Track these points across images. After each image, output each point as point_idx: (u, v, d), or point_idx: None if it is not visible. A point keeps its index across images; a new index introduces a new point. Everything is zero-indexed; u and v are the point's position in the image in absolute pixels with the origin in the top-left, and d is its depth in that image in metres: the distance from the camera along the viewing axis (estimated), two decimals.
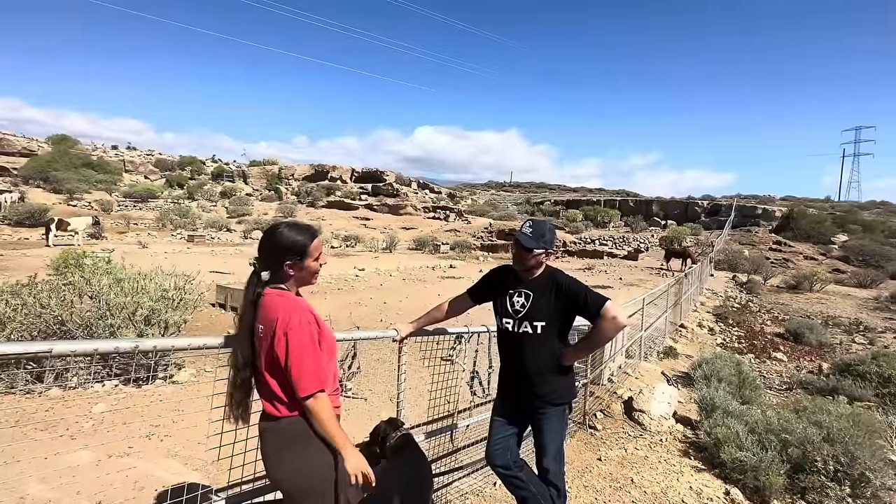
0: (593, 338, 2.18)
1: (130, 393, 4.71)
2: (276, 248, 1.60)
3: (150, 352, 1.49)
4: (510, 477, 2.29)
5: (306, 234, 1.65)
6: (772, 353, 9.53)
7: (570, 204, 53.18)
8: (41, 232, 19.46)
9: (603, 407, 4.95)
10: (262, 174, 49.39)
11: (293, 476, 1.59)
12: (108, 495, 2.75)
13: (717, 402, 4.54)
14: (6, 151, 38.19)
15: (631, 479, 3.50)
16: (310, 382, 1.51)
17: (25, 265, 12.22)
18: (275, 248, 1.60)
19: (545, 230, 2.21)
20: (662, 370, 6.87)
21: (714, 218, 44.46)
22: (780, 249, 31.98)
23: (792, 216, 38.40)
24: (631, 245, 31.44)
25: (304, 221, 2.05)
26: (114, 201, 33.33)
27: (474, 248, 29.27)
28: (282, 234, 1.61)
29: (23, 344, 1.34)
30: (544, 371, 2.20)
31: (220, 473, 2.16)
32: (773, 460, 3.43)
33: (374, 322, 9.05)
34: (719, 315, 12.83)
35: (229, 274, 13.29)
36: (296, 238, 1.62)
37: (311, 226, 1.74)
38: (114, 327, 5.03)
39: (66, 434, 3.66)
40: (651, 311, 8.35)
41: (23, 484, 2.80)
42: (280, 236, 1.60)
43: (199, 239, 24.40)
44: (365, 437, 2.37)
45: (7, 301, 4.92)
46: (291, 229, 1.64)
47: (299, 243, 1.62)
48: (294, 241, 1.61)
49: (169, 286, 5.92)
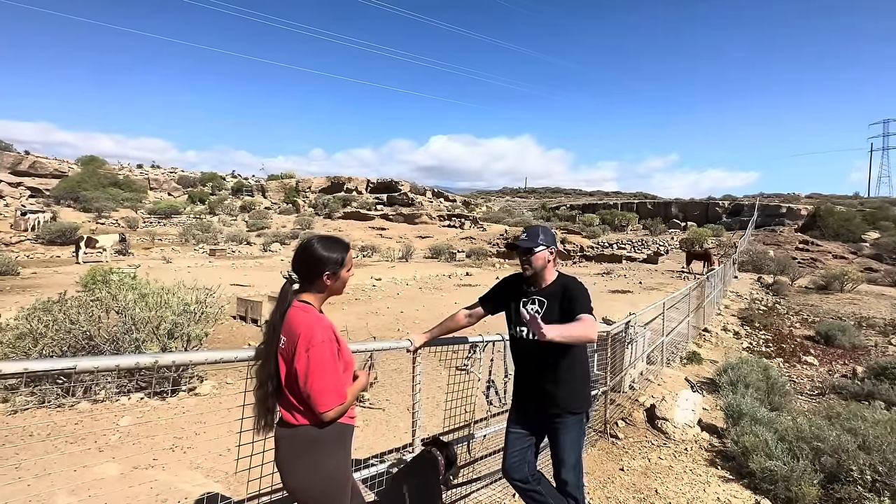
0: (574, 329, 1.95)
1: (155, 406, 4.82)
2: (315, 260, 1.68)
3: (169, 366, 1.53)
4: (528, 491, 2.25)
5: (341, 246, 1.75)
6: (802, 357, 9.19)
7: (586, 208, 52.65)
8: (72, 250, 20.25)
9: (624, 415, 4.84)
10: (280, 188, 50.39)
11: (306, 484, 1.61)
12: None
13: (744, 409, 4.40)
14: (39, 173, 39.98)
15: (655, 490, 3.40)
16: (328, 398, 1.56)
17: (57, 282, 12.70)
18: (315, 260, 1.68)
19: (538, 230, 2.27)
20: (686, 376, 6.69)
21: (736, 218, 43.32)
22: (807, 249, 30.94)
23: (819, 214, 37.13)
24: (650, 248, 30.88)
25: (335, 235, 2.11)
26: (139, 218, 34.49)
27: (490, 256, 29.18)
28: (320, 248, 1.69)
29: (49, 361, 1.39)
30: (560, 378, 2.18)
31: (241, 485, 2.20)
32: (806, 470, 3.29)
33: (391, 332, 9.08)
34: (745, 318, 12.46)
35: (249, 287, 13.55)
36: (333, 250, 1.70)
37: (342, 239, 1.83)
38: (139, 341, 5.17)
39: (94, 447, 3.76)
40: (672, 316, 8.17)
41: (53, 496, 2.88)
42: (318, 250, 1.69)
43: (220, 253, 24.98)
44: (384, 446, 2.38)
45: (39, 318, 5.11)
46: (328, 242, 1.72)
47: (337, 255, 1.70)
48: (331, 253, 1.70)
49: (191, 300, 6.06)
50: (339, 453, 1.65)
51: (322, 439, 1.61)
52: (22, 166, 39.10)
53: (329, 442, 1.62)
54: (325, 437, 1.61)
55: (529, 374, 2.26)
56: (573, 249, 30.30)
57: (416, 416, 2.57)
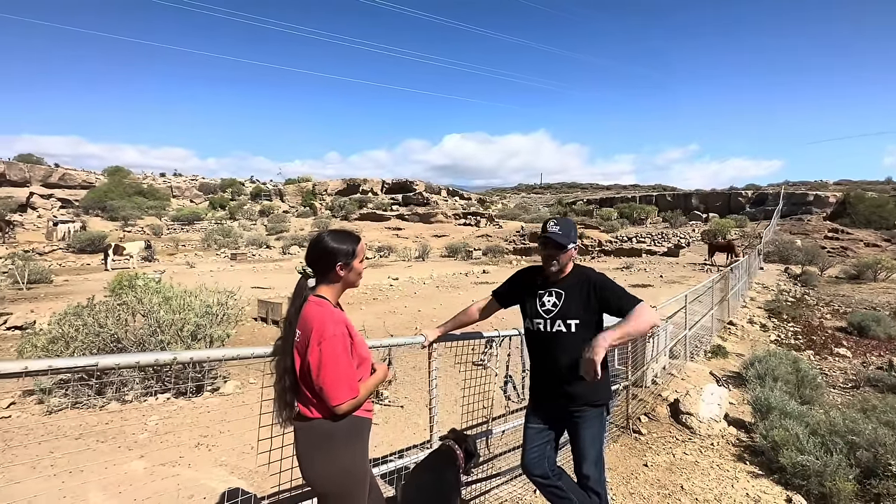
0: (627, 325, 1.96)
1: (180, 405, 4.94)
2: (327, 252, 1.70)
3: (187, 363, 1.56)
4: (549, 486, 2.21)
5: (352, 238, 1.77)
6: (833, 349, 8.85)
7: (603, 202, 51.88)
8: (101, 257, 20.98)
9: (647, 410, 4.74)
10: (298, 191, 51.19)
11: (323, 477, 1.63)
12: (161, 503, 2.88)
13: (772, 403, 4.25)
14: (69, 185, 41.58)
15: (681, 486, 3.31)
16: (341, 391, 1.56)
17: (87, 289, 13.17)
18: (326, 252, 1.70)
19: (571, 227, 2.22)
20: (711, 370, 6.52)
21: (760, 208, 42.03)
22: (836, 237, 29.80)
23: (848, 201, 35.74)
24: (670, 241, 30.23)
25: (346, 228, 2.14)
26: (163, 225, 35.51)
27: (507, 253, 29.03)
28: (331, 240, 1.72)
29: (72, 359, 1.43)
30: (579, 370, 2.13)
31: (264, 481, 2.23)
32: (840, 464, 3.16)
33: (409, 330, 9.11)
34: (772, 310, 12.07)
35: (269, 289, 13.79)
36: (344, 242, 1.73)
37: (353, 231, 1.86)
38: (164, 343, 5.32)
39: (124, 445, 3.88)
40: (695, 309, 7.97)
41: (86, 492, 2.98)
42: (330, 242, 1.71)
43: (241, 257, 25.53)
44: (403, 443, 2.39)
45: (70, 322, 5.31)
46: (338, 235, 1.75)
47: (348, 246, 1.72)
48: (342, 244, 1.72)
49: (212, 302, 6.20)
50: (354, 446, 1.65)
51: (336, 432, 1.61)
52: (52, 178, 40.72)
53: (343, 435, 1.62)
54: (339, 429, 1.62)
55: (547, 368, 2.22)
56: (591, 245, 29.88)
57: (433, 411, 2.57)
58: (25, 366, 1.35)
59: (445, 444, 2.37)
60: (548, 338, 2.18)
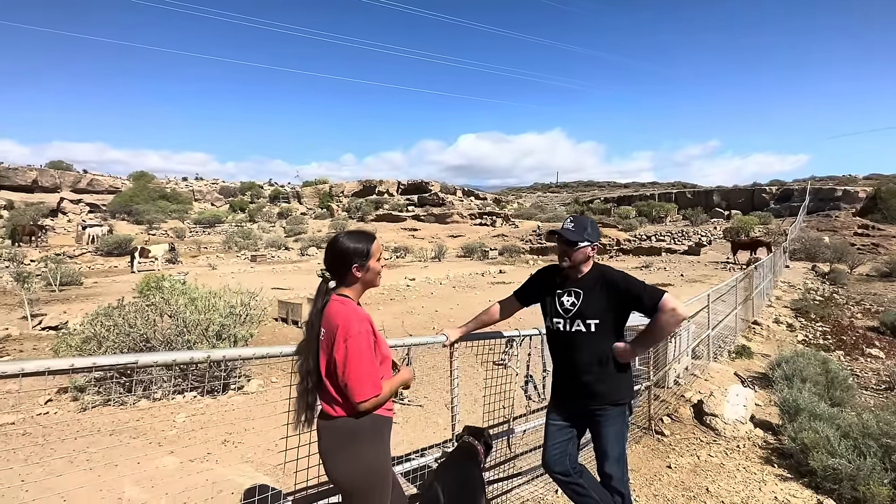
0: (653, 331, 2.08)
1: (207, 403, 5.08)
2: (342, 253, 1.73)
3: (220, 361, 1.61)
4: (570, 484, 2.21)
5: (367, 237, 1.79)
6: (865, 350, 8.53)
7: (621, 200, 51.04)
8: (127, 260, 21.66)
9: (669, 411, 4.67)
10: (315, 193, 51.87)
11: (348, 475, 1.65)
12: (192, 497, 2.97)
13: (801, 405, 4.14)
14: (96, 190, 43.06)
15: (706, 489, 3.26)
16: (366, 388, 1.59)
17: (115, 290, 13.62)
18: (341, 253, 1.73)
19: (587, 223, 2.20)
20: (735, 371, 6.37)
21: (785, 204, 40.74)
22: (867, 234, 28.68)
23: (879, 196, 34.30)
24: (691, 239, 29.57)
25: (361, 228, 2.18)
26: (186, 228, 36.43)
27: (523, 252, 28.85)
28: (346, 241, 1.75)
29: (114, 357, 1.51)
30: (601, 369, 2.13)
31: (288, 477, 2.28)
32: (874, 468, 3.06)
33: (427, 330, 9.15)
34: (799, 309, 11.71)
35: (289, 289, 14.03)
36: (358, 242, 1.75)
37: (368, 231, 1.88)
38: (190, 342, 5.48)
39: (154, 441, 4.02)
40: (718, 309, 7.80)
41: (121, 486, 3.10)
42: (345, 243, 1.74)
43: (261, 259, 26.02)
44: (423, 442, 2.41)
45: (101, 322, 5.52)
46: (353, 235, 1.78)
47: (362, 246, 1.75)
48: (357, 244, 1.74)
49: (236, 303, 6.36)
50: (377, 445, 1.68)
51: (360, 430, 1.64)
52: (81, 184, 42.22)
53: (366, 433, 1.65)
54: (362, 427, 1.64)
55: (568, 367, 2.22)
56: (609, 243, 29.47)
57: (454, 410, 2.59)
58: (72, 363, 1.42)
59: (465, 440, 2.39)
60: (567, 337, 2.18)
